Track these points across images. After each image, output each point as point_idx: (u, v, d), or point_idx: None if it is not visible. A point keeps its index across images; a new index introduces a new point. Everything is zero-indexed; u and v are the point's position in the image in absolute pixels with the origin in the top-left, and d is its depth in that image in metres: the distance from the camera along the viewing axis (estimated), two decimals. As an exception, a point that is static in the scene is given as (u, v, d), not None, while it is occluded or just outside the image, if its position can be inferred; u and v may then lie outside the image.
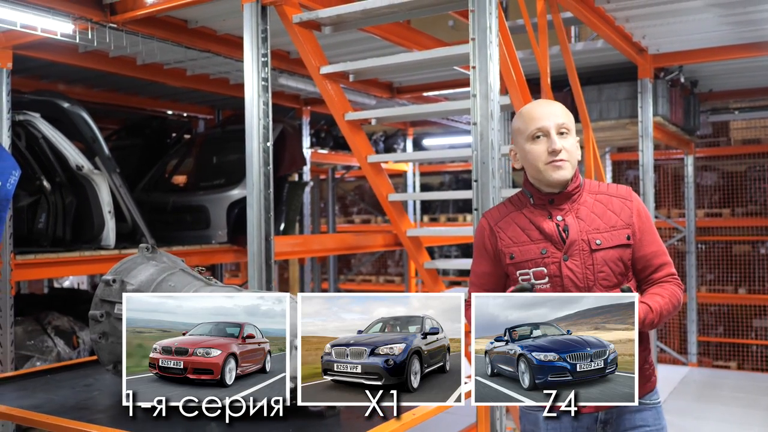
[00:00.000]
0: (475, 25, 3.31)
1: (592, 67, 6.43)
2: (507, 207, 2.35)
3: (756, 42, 5.86)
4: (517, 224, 2.28)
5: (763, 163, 9.52)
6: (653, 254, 2.24)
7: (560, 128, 2.22)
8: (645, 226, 2.26)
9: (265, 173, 3.94)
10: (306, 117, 7.89)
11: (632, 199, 2.28)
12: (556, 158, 2.20)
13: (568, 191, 2.25)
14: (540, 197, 2.27)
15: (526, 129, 2.25)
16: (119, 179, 5.49)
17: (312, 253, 6.53)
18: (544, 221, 2.25)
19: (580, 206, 2.26)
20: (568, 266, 2.19)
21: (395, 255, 11.85)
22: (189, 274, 2.68)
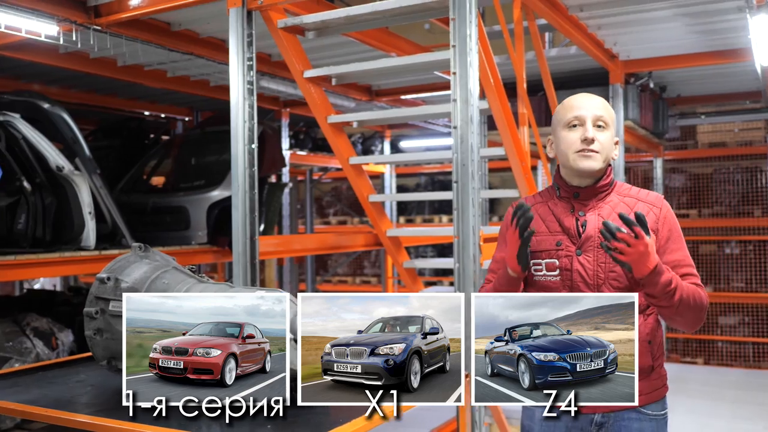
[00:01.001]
0: (455, 32, 3.43)
1: (566, 72, 6.59)
2: (535, 198, 2.35)
3: (721, 50, 6.07)
4: (539, 215, 2.28)
5: (729, 165, 9.77)
6: (676, 263, 2.17)
7: (597, 120, 2.19)
8: (671, 235, 2.20)
9: (250, 174, 4.03)
10: (285, 119, 7.96)
11: (661, 206, 2.22)
12: (587, 147, 2.17)
13: (594, 187, 2.22)
14: (566, 190, 2.26)
15: (564, 117, 2.23)
16: (99, 180, 5.51)
17: (294, 253, 6.60)
18: (566, 214, 2.24)
19: (605, 204, 2.22)
20: (580, 261, 2.17)
21: (371, 256, 11.95)
22: (182, 272, 2.76)
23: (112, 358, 2.70)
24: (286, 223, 8.48)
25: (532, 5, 4.47)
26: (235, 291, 2.56)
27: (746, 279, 9.49)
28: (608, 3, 4.83)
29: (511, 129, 4.12)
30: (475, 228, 3.46)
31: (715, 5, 4.93)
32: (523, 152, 4.29)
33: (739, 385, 7.58)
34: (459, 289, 3.47)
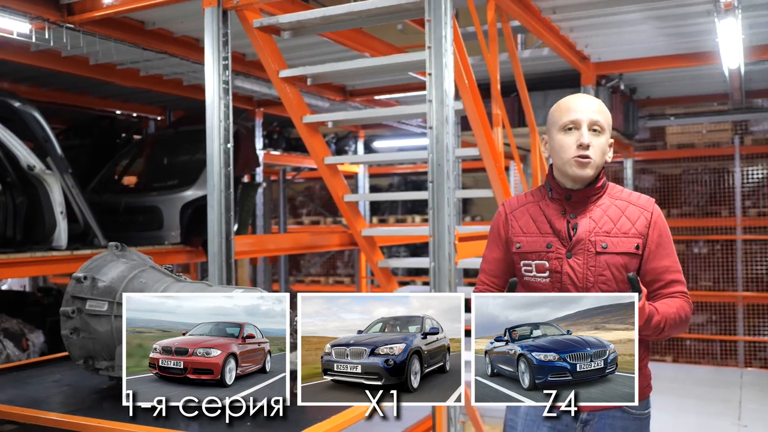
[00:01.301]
0: (431, 34, 3.47)
1: (538, 73, 6.67)
2: (526, 197, 2.33)
3: (690, 52, 6.19)
4: (530, 215, 2.27)
5: (697, 166, 9.93)
6: (664, 269, 2.18)
7: (593, 124, 2.17)
8: (660, 240, 2.20)
9: (225, 174, 4.03)
10: (259, 118, 7.95)
11: (652, 210, 2.22)
12: (583, 153, 2.14)
13: (587, 190, 2.21)
14: (559, 192, 2.24)
15: (559, 119, 2.21)
16: (71, 179, 5.46)
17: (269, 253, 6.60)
18: (557, 216, 2.23)
19: (596, 207, 2.21)
20: (570, 264, 2.17)
21: (344, 256, 11.96)
22: (159, 271, 2.76)
23: (89, 357, 2.69)
24: (260, 222, 8.46)
25: (506, 7, 4.52)
26: (213, 290, 2.57)
27: (714, 278, 9.65)
28: (580, 6, 4.90)
29: (486, 130, 4.17)
30: (451, 227, 3.49)
31: (684, 9, 5.02)
32: (497, 153, 4.34)
33: (706, 382, 7.72)
34: (434, 288, 3.51)
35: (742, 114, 8.95)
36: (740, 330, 9.32)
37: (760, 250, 9.47)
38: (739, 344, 9.27)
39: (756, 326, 9.33)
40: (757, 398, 7.05)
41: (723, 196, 9.68)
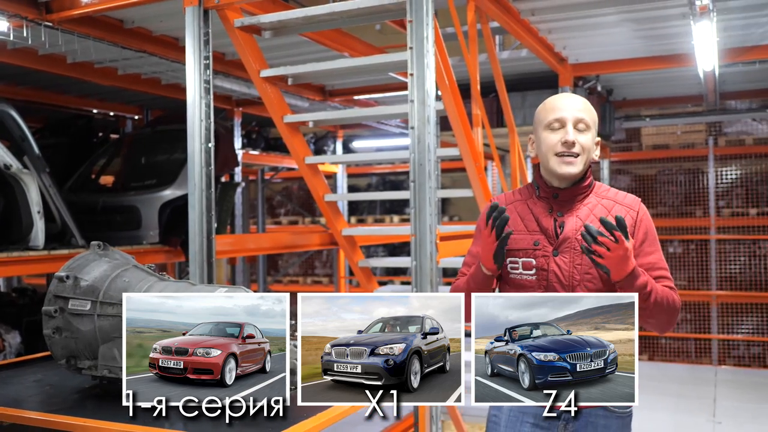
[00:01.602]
0: (413, 34, 3.49)
1: (517, 74, 6.73)
2: (514, 195, 2.35)
3: (665, 55, 6.28)
4: (518, 213, 2.28)
5: (672, 167, 10.07)
6: (650, 265, 2.19)
7: (578, 122, 2.18)
8: (646, 238, 2.22)
9: (206, 173, 4.02)
10: (238, 118, 7.93)
11: (638, 209, 2.24)
12: (568, 151, 2.16)
13: (573, 189, 2.22)
14: (546, 190, 2.25)
15: (545, 117, 2.22)
16: (48, 179, 5.42)
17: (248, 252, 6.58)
18: (544, 214, 2.24)
19: (583, 206, 2.22)
20: (557, 262, 2.18)
21: (323, 256, 11.95)
22: (142, 270, 2.76)
23: (71, 356, 2.68)
24: (239, 222, 8.44)
25: (486, 8, 4.56)
26: (197, 289, 2.58)
27: (688, 277, 9.78)
28: (558, 8, 4.95)
29: (466, 130, 4.20)
30: (432, 227, 3.52)
31: (659, 11, 5.10)
32: (477, 153, 4.38)
33: (681, 379, 7.83)
34: (416, 287, 3.53)
35: (716, 115, 9.08)
36: (714, 328, 9.45)
37: (734, 250, 9.61)
38: (714, 342, 9.41)
39: (729, 324, 9.47)
40: (731, 395, 7.17)
41: (697, 196, 9.82)
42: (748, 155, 9.61)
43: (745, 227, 9.44)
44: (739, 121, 9.61)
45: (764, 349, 9.23)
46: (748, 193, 9.58)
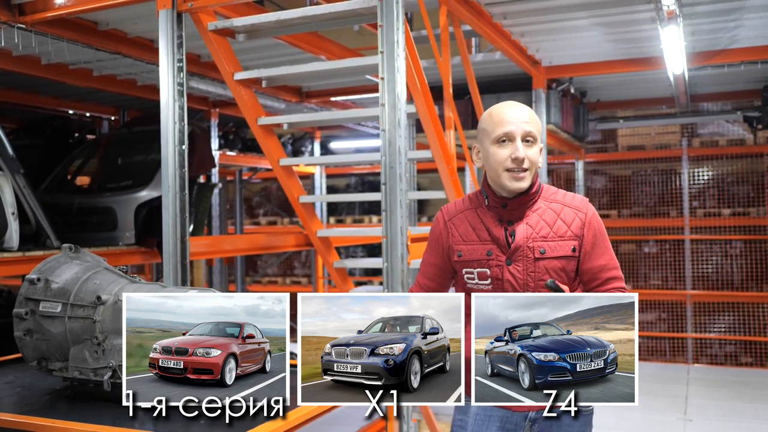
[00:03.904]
0: (383, 39, 3.54)
1: (491, 77, 6.80)
2: (464, 203, 2.35)
3: (636, 58, 6.38)
4: (469, 223, 2.29)
5: (647, 167, 10.19)
6: (601, 268, 2.22)
7: (526, 136, 2.18)
8: (596, 240, 2.23)
9: (180, 175, 4.04)
10: (215, 119, 7.94)
11: (586, 210, 2.25)
12: (517, 167, 2.17)
13: (522, 198, 2.23)
14: (495, 200, 2.25)
15: (492, 131, 2.21)
16: (23, 180, 5.40)
17: (224, 254, 6.60)
18: (494, 224, 2.25)
19: (532, 212, 2.24)
20: (510, 271, 2.20)
21: (302, 256, 11.97)
22: (113, 273, 2.78)
23: (42, 358, 2.70)
24: (216, 223, 8.44)
25: (458, 12, 4.61)
26: (168, 290, 2.61)
27: (663, 277, 9.91)
28: (530, 12, 5.02)
29: (438, 132, 4.26)
30: (403, 228, 3.57)
31: (629, 15, 5.18)
32: (450, 155, 4.43)
33: (653, 378, 7.94)
34: (387, 288, 3.58)
35: (690, 117, 9.21)
36: (689, 327, 9.59)
37: (707, 250, 9.75)
38: (688, 341, 9.54)
39: (704, 323, 9.61)
40: (702, 393, 7.29)
41: (672, 196, 9.95)
42: (721, 156, 9.76)
43: (719, 227, 9.58)
44: (713, 123, 9.75)
45: (738, 347, 9.37)
46: (721, 193, 9.73)
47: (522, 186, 2.19)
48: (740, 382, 7.78)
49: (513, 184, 2.19)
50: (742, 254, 9.56)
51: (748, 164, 9.66)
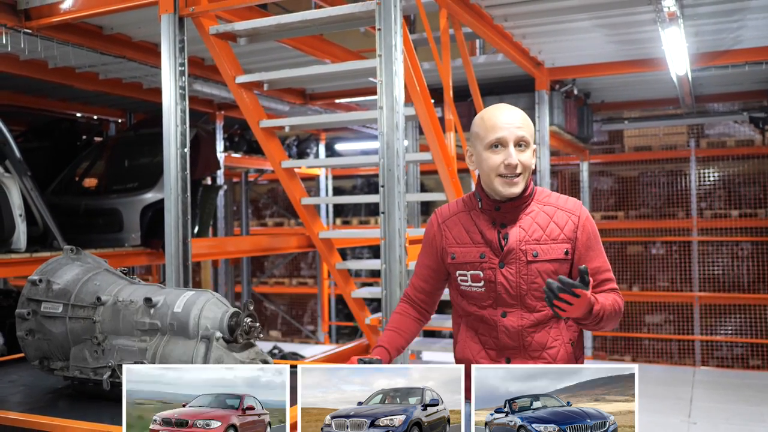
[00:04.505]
0: (381, 42, 3.57)
1: (494, 78, 6.82)
2: (458, 206, 2.36)
3: (639, 59, 6.38)
4: (462, 225, 2.30)
5: (654, 168, 10.17)
6: (595, 270, 2.21)
7: (519, 141, 2.18)
8: (589, 243, 2.23)
9: (182, 178, 4.09)
10: (220, 121, 8.00)
11: (579, 213, 2.25)
12: (510, 173, 2.17)
13: (515, 201, 2.23)
14: (488, 203, 2.26)
15: (485, 136, 2.21)
16: (30, 182, 5.47)
17: (227, 255, 6.64)
18: (488, 227, 2.25)
19: (525, 215, 2.24)
20: (503, 273, 2.20)
21: (308, 257, 12.01)
22: (113, 274, 2.83)
23: (44, 358, 2.76)
24: (221, 225, 8.50)
25: (458, 15, 4.64)
26: (166, 291, 2.65)
27: (671, 278, 9.88)
28: (531, 14, 5.04)
29: (438, 135, 4.29)
30: (401, 230, 3.60)
31: (630, 17, 5.20)
32: (450, 157, 4.46)
33: (658, 380, 7.91)
34: (385, 289, 3.61)
35: (696, 118, 9.18)
36: (697, 329, 9.56)
37: (715, 251, 9.71)
38: (696, 343, 9.51)
39: (712, 326, 9.58)
40: (708, 396, 7.26)
41: (679, 197, 9.92)
42: (729, 157, 9.72)
43: (727, 229, 9.54)
44: (721, 123, 9.72)
45: (746, 350, 9.34)
46: (729, 194, 9.69)
47: (515, 191, 2.20)
48: (747, 385, 7.75)
49: (506, 189, 2.20)
50: (750, 256, 9.51)
51: (756, 165, 9.63)
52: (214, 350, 2.46)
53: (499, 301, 2.24)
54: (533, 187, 2.29)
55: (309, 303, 12.08)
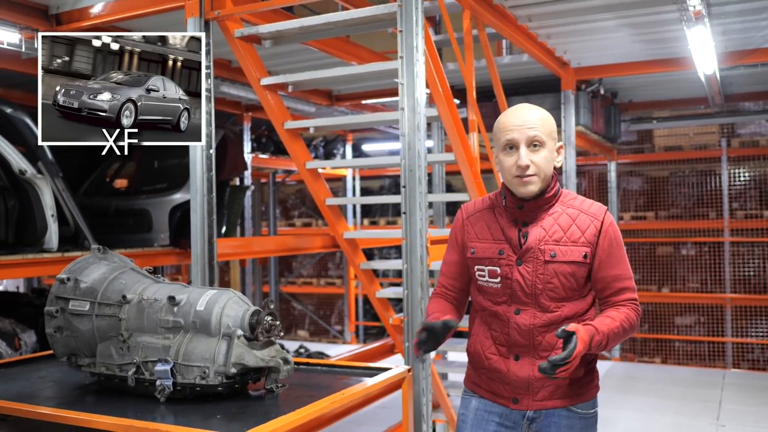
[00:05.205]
0: (403, 44, 3.60)
1: (520, 78, 6.81)
2: (483, 203, 2.39)
3: (666, 58, 6.33)
4: (485, 221, 2.33)
5: (684, 168, 10.06)
6: (615, 277, 2.22)
7: (532, 141, 2.19)
8: (611, 249, 2.23)
9: (208, 179, 4.16)
10: (247, 123, 8.08)
11: (602, 219, 2.24)
12: (523, 174, 2.19)
13: (538, 201, 2.25)
14: (512, 201, 2.28)
15: (499, 139, 2.25)
16: (62, 183, 5.58)
17: (253, 255, 6.71)
18: (509, 224, 2.27)
19: (548, 216, 2.25)
20: (520, 271, 2.22)
21: (336, 257, 12.07)
22: (138, 273, 2.90)
23: (71, 354, 2.84)
24: (249, 225, 8.58)
25: (481, 16, 4.65)
26: (189, 290, 2.71)
27: (701, 279, 9.77)
28: (555, 14, 5.02)
29: (461, 135, 4.30)
30: (423, 231, 3.63)
31: (656, 16, 5.16)
32: (473, 158, 4.47)
33: (687, 383, 7.82)
34: (407, 289, 3.64)
35: (727, 117, 9.07)
36: (728, 331, 9.44)
37: (748, 252, 9.58)
38: (728, 345, 9.39)
39: (743, 328, 9.45)
40: (737, 398, 7.16)
41: (710, 198, 9.80)
42: (762, 156, 9.59)
43: (760, 229, 9.41)
44: (753, 123, 9.58)
45: (779, 352, 9.21)
46: (762, 194, 9.56)
47: (531, 190, 2.21)
48: (778, 388, 7.65)
49: (522, 189, 2.22)
50: (783, 257, 9.39)
51: (790, 164, 9.50)
52: (235, 347, 2.52)
53: (513, 298, 2.26)
54: (558, 188, 2.30)
55: (337, 303, 12.14)
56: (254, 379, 2.67)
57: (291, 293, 12.35)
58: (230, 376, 2.52)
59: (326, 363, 3.32)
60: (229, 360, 2.51)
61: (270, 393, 2.64)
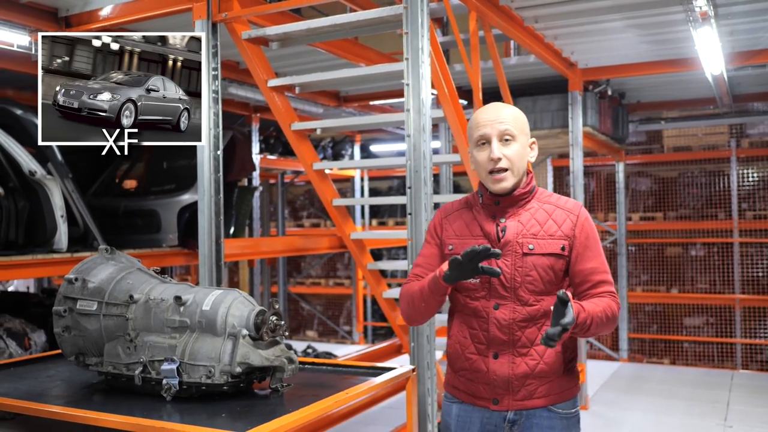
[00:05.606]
0: (408, 46, 3.62)
1: (527, 79, 6.81)
2: (460, 203, 2.43)
3: (673, 59, 6.32)
4: (463, 220, 2.36)
5: (693, 169, 10.03)
6: (592, 270, 2.25)
7: (503, 135, 2.23)
8: (587, 242, 2.27)
9: (215, 179, 4.19)
10: (256, 123, 8.12)
11: (578, 213, 2.29)
12: (496, 168, 2.23)
13: (514, 196, 2.29)
14: (488, 197, 2.32)
15: (472, 135, 2.30)
16: (71, 184, 5.62)
17: (261, 255, 6.74)
18: (487, 220, 2.31)
19: (525, 211, 2.29)
20: (499, 265, 2.22)
21: (344, 258, 12.10)
22: (146, 273, 2.93)
23: (79, 353, 2.86)
24: (257, 225, 8.61)
25: (488, 17, 4.66)
26: (195, 290, 2.74)
27: (710, 280, 9.74)
28: (562, 15, 5.03)
29: (466, 136, 4.31)
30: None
31: (663, 17, 5.15)
32: (478, 158, 4.47)
33: (695, 383, 7.80)
34: (412, 289, 3.64)
35: (736, 117, 9.04)
36: (738, 332, 9.41)
37: (757, 253, 9.55)
38: (737, 346, 9.36)
39: (753, 329, 9.41)
40: (745, 399, 7.14)
41: (719, 198, 9.77)
42: (771, 157, 9.56)
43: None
44: (763, 123, 9.55)
45: (790, 353, 9.17)
46: (772, 195, 9.54)
47: (505, 186, 2.26)
48: (787, 389, 7.62)
49: (495, 186, 2.26)
50: (793, 257, 9.35)
51: (800, 165, 9.46)
52: (241, 347, 2.54)
53: (492, 293, 2.27)
54: (534, 185, 2.35)
55: (345, 303, 12.16)
56: (259, 379, 2.68)
57: (299, 294, 12.38)
58: (235, 375, 2.54)
59: (331, 363, 3.34)
60: (235, 359, 2.53)
61: (275, 392, 2.66)
